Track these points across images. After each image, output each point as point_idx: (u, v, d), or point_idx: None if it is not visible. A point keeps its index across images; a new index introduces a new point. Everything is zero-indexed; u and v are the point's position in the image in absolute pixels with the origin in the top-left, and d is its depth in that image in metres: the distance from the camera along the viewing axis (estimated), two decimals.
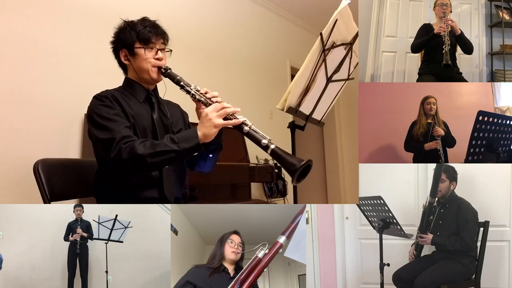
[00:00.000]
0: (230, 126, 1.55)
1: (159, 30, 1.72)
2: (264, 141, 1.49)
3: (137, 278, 2.17)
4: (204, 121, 1.52)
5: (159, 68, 1.69)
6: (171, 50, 1.76)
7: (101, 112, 1.60)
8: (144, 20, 1.73)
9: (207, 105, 1.58)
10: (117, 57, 1.76)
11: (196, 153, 1.56)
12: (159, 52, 1.70)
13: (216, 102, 1.58)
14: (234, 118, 1.54)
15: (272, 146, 1.48)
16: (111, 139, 1.53)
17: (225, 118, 1.53)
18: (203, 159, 1.76)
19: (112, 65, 1.82)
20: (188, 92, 1.62)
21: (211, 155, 1.74)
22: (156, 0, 3.24)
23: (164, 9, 3.26)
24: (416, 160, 2.63)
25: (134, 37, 1.68)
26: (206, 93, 1.62)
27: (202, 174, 1.88)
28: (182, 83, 1.63)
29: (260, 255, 1.45)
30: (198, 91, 1.62)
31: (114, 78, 1.83)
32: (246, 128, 1.52)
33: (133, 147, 1.50)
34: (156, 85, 1.81)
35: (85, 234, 2.12)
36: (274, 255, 1.45)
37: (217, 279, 1.52)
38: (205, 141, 1.53)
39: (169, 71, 1.68)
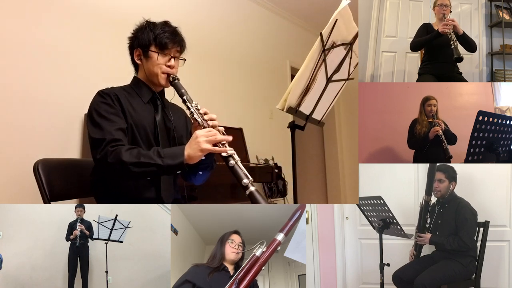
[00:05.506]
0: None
1: (177, 38, 1.72)
2: (245, 181, 1.47)
3: (137, 278, 2.17)
4: (192, 143, 1.52)
5: (168, 75, 1.69)
6: (185, 60, 1.76)
7: (100, 109, 1.60)
8: (165, 24, 1.73)
9: (202, 125, 1.58)
10: (131, 54, 1.76)
11: (179, 171, 1.57)
12: (172, 59, 1.70)
13: (212, 126, 1.58)
14: (223, 147, 1.52)
15: (252, 189, 1.46)
16: (101, 139, 1.54)
17: (214, 145, 1.52)
18: (193, 174, 1.75)
19: (112, 65, 1.83)
20: (188, 108, 1.62)
21: (200, 173, 1.73)
22: (155, 0, 3.24)
23: (163, 9, 3.26)
24: (419, 155, 2.62)
25: (151, 39, 1.68)
26: (205, 113, 1.61)
27: None
28: (185, 97, 1.64)
29: (257, 253, 1.44)
30: (198, 109, 1.61)
31: (114, 78, 1.83)
32: (232, 162, 1.50)
33: (119, 152, 1.50)
34: (163, 88, 1.81)
35: (87, 232, 2.12)
36: (272, 253, 1.45)
37: (216, 278, 1.52)
38: (189, 162, 1.52)
39: (176, 81, 1.69)
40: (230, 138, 1.55)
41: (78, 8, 2.69)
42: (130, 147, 1.55)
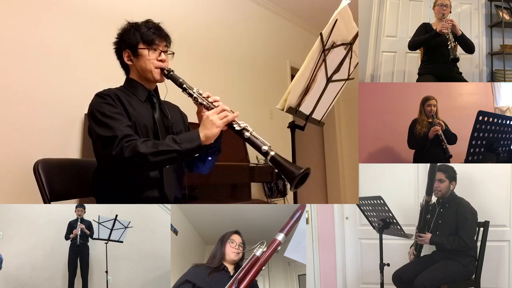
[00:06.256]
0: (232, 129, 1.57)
1: (163, 33, 1.74)
2: (264, 148, 1.51)
3: (137, 278, 2.17)
4: (206, 123, 1.55)
5: (162, 69, 1.71)
6: (173, 53, 1.78)
7: (103, 109, 1.61)
8: (148, 22, 1.75)
9: (209, 108, 1.61)
10: (120, 57, 1.77)
11: (197, 154, 1.58)
12: (162, 54, 1.72)
13: (217, 107, 1.60)
14: (235, 122, 1.56)
15: (272, 153, 1.50)
16: (113, 137, 1.54)
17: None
18: (201, 161, 1.78)
19: (112, 65, 1.83)
20: (190, 95, 1.64)
21: (209, 158, 1.76)
22: (155, 0, 3.24)
23: (163, 9, 3.26)
24: (419, 155, 2.62)
25: (138, 38, 1.70)
26: (208, 97, 1.64)
27: (202, 174, 1.91)
28: (184, 85, 1.65)
29: (258, 253, 1.45)
30: (200, 94, 1.64)
31: (114, 78, 1.83)
32: (247, 134, 1.54)
33: (136, 145, 1.51)
34: (156, 86, 1.82)
35: (87, 231, 2.12)
36: (272, 253, 1.45)
37: (216, 278, 1.52)
38: (206, 142, 1.55)
39: (171, 73, 1.70)
40: (237, 113, 1.58)
41: (78, 8, 2.69)
42: (145, 140, 1.56)
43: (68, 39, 2.61)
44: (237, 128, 1.55)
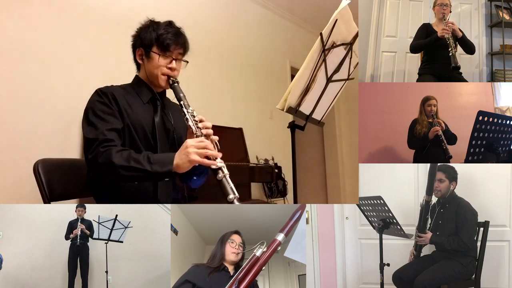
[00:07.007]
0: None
1: (180, 39, 1.69)
2: (231, 197, 1.47)
3: (137, 278, 2.17)
4: (182, 152, 1.49)
5: (169, 77, 1.68)
6: (187, 62, 1.74)
7: (96, 108, 1.60)
8: (169, 25, 1.70)
9: (195, 134, 1.55)
10: (134, 53, 1.75)
11: (167, 179, 1.55)
12: (173, 61, 1.68)
13: (206, 134, 1.55)
14: (213, 160, 1.49)
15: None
16: (94, 139, 1.53)
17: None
18: (188, 178, 1.67)
19: (112, 65, 1.83)
20: (184, 114, 1.60)
21: (195, 178, 1.65)
22: (156, 1, 3.24)
23: (163, 9, 3.26)
24: (419, 155, 2.62)
25: (153, 39, 1.66)
26: (200, 121, 1.59)
27: None
28: (182, 102, 1.62)
29: (258, 253, 1.44)
30: (193, 116, 1.59)
31: (115, 78, 1.83)
32: (220, 175, 1.49)
33: (110, 153, 1.49)
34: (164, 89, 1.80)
35: (87, 232, 2.12)
36: (272, 253, 1.45)
37: (216, 278, 1.52)
38: (177, 171, 1.49)
39: (176, 84, 1.66)
40: (220, 154, 1.52)
41: (79, 8, 2.69)
42: (122, 149, 1.53)
43: (68, 39, 2.60)
44: (213, 167, 1.48)
